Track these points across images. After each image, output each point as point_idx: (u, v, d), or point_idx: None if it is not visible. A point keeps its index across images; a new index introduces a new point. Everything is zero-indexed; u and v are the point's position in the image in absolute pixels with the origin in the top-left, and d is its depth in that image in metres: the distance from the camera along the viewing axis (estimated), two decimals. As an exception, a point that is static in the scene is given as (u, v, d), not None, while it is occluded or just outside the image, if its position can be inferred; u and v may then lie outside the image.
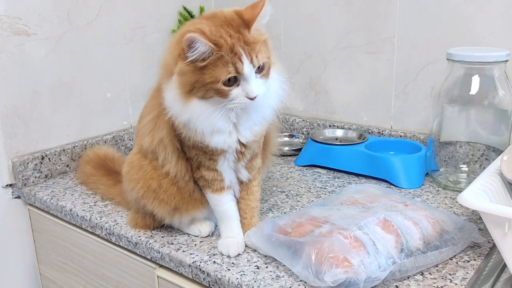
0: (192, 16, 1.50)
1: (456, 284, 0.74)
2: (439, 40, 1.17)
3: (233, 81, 0.72)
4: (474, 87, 1.02)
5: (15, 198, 1.21)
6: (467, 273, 0.76)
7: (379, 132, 1.31)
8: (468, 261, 0.80)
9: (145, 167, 0.87)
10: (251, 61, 0.72)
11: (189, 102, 0.74)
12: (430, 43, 1.19)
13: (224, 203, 0.86)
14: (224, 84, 0.72)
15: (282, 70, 0.82)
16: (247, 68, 0.72)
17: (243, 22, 0.74)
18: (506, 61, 0.99)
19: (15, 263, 1.24)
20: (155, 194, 0.86)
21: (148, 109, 0.88)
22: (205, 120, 0.75)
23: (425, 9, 1.18)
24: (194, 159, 0.83)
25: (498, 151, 1.04)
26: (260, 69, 0.74)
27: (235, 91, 0.73)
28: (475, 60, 0.99)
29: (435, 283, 0.74)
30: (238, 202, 0.89)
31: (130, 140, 1.41)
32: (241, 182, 0.88)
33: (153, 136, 0.84)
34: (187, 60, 0.71)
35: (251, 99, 0.73)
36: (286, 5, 1.43)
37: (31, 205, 1.20)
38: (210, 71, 0.71)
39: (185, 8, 1.50)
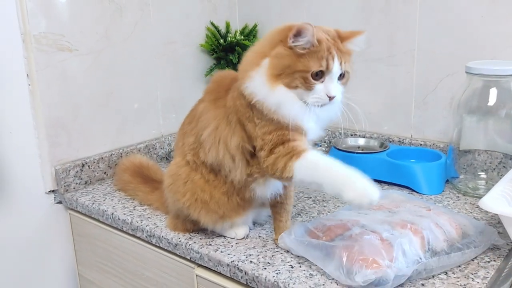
0: (218, 31, 1.58)
1: (478, 282, 0.79)
2: (458, 53, 1.23)
3: (320, 76, 0.80)
4: (492, 99, 1.08)
5: (57, 203, 1.29)
6: (487, 272, 0.82)
7: (399, 141, 1.37)
8: (489, 262, 0.85)
9: (195, 180, 0.92)
10: (340, 64, 0.80)
11: (275, 86, 0.80)
12: (448, 56, 1.25)
13: (319, 157, 0.81)
14: (312, 76, 0.79)
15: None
16: (336, 68, 0.80)
17: (339, 37, 0.83)
18: (523, 74, 1.05)
19: (54, 264, 1.32)
20: (203, 204, 0.92)
21: (204, 122, 0.90)
22: (293, 107, 0.81)
23: (443, 23, 1.24)
24: (273, 140, 0.82)
25: (516, 159, 1.10)
26: (342, 76, 0.82)
27: (319, 86, 0.80)
28: (492, 73, 1.05)
29: (458, 281, 0.80)
30: (275, 205, 0.95)
31: (161, 148, 1.48)
32: (284, 186, 0.93)
33: (217, 149, 0.88)
34: (290, 44, 0.79)
35: (330, 98, 0.80)
36: (309, 20, 1.49)
37: (72, 209, 1.28)
38: (305, 60, 0.79)
39: (212, 24, 1.58)
